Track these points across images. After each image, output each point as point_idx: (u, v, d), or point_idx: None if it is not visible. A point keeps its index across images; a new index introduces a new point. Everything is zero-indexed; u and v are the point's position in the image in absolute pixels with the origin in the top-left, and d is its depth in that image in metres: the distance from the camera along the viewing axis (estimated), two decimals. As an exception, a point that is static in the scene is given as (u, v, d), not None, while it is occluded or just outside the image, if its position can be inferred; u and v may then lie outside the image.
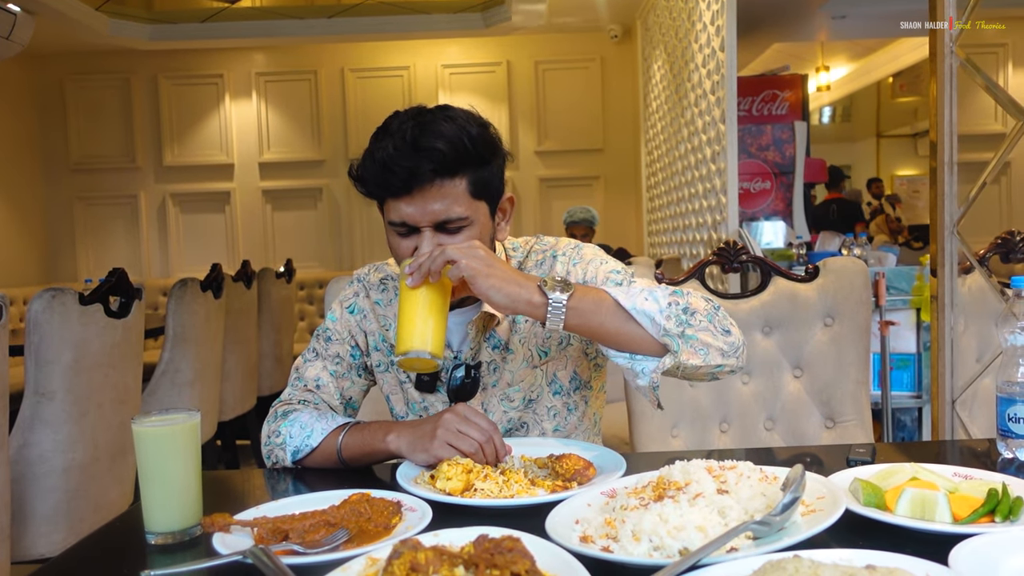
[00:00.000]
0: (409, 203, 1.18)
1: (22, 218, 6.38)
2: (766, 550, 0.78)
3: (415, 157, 1.14)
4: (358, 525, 0.90)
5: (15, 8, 4.74)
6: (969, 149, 1.96)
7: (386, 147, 1.16)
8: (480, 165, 1.21)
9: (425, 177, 1.15)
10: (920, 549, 0.78)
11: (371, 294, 1.42)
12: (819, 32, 6.34)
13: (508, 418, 1.36)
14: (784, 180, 4.78)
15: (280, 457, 1.29)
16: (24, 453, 2.13)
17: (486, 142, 1.21)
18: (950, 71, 1.63)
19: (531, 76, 6.61)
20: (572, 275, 1.31)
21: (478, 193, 1.22)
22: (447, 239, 1.19)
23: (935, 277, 1.72)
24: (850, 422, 1.82)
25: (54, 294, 2.11)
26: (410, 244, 1.22)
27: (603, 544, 0.83)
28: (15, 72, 6.19)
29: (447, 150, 1.15)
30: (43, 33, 5.31)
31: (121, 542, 0.99)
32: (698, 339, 1.12)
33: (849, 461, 1.15)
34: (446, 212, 1.18)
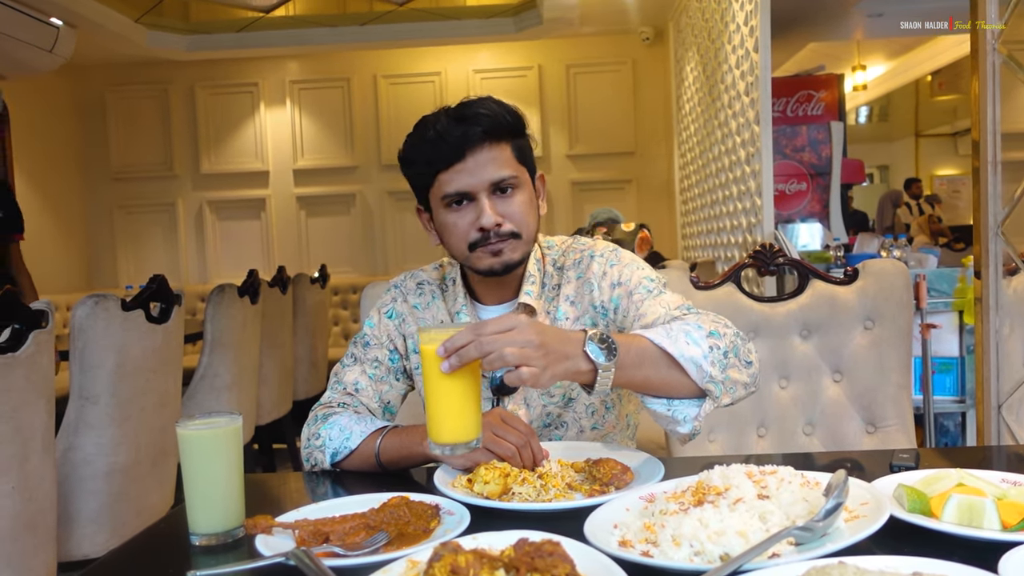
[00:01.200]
0: (462, 170, 1.25)
1: (65, 226, 6.53)
2: (809, 556, 0.77)
3: (463, 125, 1.23)
4: (397, 528, 0.91)
5: (58, 22, 4.86)
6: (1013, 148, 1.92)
7: (435, 123, 1.25)
8: (520, 135, 1.31)
9: (476, 139, 1.24)
10: (968, 557, 0.76)
11: (409, 299, 1.45)
12: (855, 31, 6.25)
13: (547, 413, 1.36)
14: (820, 181, 4.72)
15: (319, 460, 1.30)
16: (69, 456, 2.17)
17: (519, 117, 1.32)
18: (992, 68, 1.60)
19: (562, 80, 6.61)
20: (608, 276, 1.33)
21: (521, 159, 1.31)
22: (502, 204, 1.26)
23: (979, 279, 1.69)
24: (892, 427, 1.79)
25: (97, 300, 2.16)
26: (468, 216, 1.27)
27: (643, 549, 0.82)
28: (58, 84, 6.35)
29: (491, 116, 1.25)
30: (84, 46, 5.44)
31: (166, 543, 1.01)
32: (731, 379, 1.11)
33: (892, 467, 1.13)
34: (499, 171, 1.26)
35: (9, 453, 1.72)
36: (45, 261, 6.23)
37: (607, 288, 1.33)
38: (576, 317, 1.35)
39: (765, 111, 3.56)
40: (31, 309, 1.80)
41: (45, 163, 6.31)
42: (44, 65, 5.02)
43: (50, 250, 6.30)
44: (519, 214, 1.28)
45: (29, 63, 4.91)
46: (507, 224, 1.27)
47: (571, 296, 1.36)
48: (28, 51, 4.72)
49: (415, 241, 6.72)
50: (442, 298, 1.42)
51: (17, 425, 1.75)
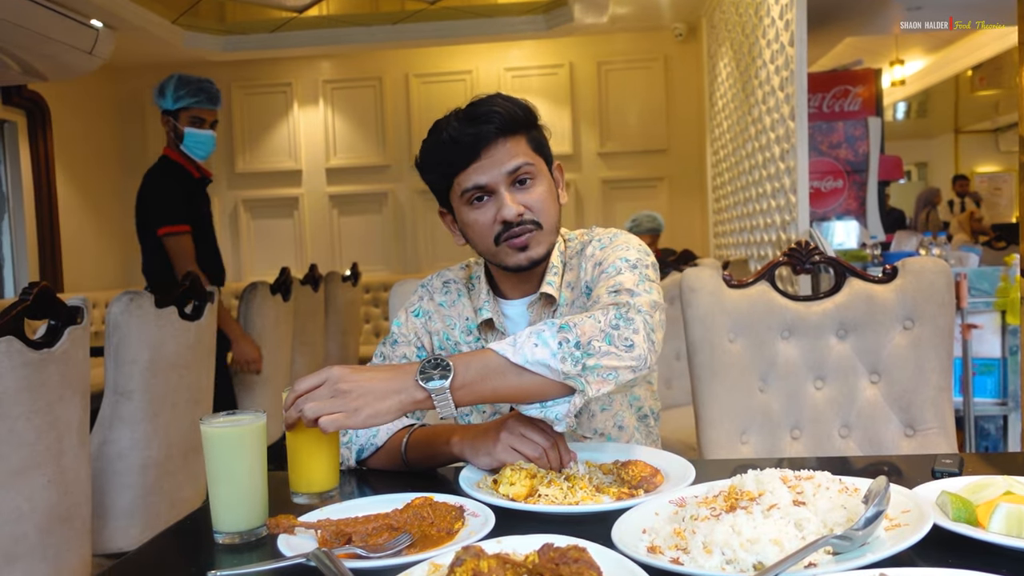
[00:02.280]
0: (479, 168, 1.25)
1: (104, 225, 6.64)
2: (848, 567, 0.73)
3: (476, 124, 1.24)
4: (421, 529, 0.89)
5: (97, 24, 4.94)
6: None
7: (447, 126, 1.26)
8: (534, 127, 1.31)
9: (490, 136, 1.24)
10: (1017, 568, 0.73)
11: (435, 297, 1.46)
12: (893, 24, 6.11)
13: None
14: (857, 178, 4.62)
15: (345, 457, 1.29)
16: (104, 450, 2.20)
17: (532, 111, 1.32)
18: (1041, 59, 1.54)
19: (594, 77, 6.56)
20: (594, 257, 1.34)
21: (537, 149, 1.31)
22: (522, 195, 1.27)
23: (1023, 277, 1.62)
24: (931, 430, 1.73)
25: (132, 297, 2.18)
26: (489, 211, 1.27)
27: (672, 556, 0.79)
28: (97, 85, 6.45)
29: (502, 112, 1.25)
30: (123, 47, 5.52)
31: (191, 540, 1.00)
32: (602, 366, 1.04)
33: (935, 472, 1.09)
34: (514, 162, 1.26)
35: (44, 447, 1.74)
36: (86, 259, 6.35)
37: (590, 268, 1.34)
38: (572, 301, 1.36)
39: (800, 106, 3.49)
40: (67, 305, 1.82)
41: (86, 163, 6.43)
42: (84, 66, 5.10)
43: (90, 248, 6.42)
44: (539, 203, 1.29)
45: (69, 65, 5.00)
46: (528, 213, 1.27)
47: (572, 281, 1.38)
48: (68, 53, 4.79)
49: (446, 239, 6.72)
50: (468, 296, 1.43)
51: (52, 420, 1.77)
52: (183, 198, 3.15)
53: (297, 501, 1.04)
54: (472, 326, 1.40)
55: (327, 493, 1.06)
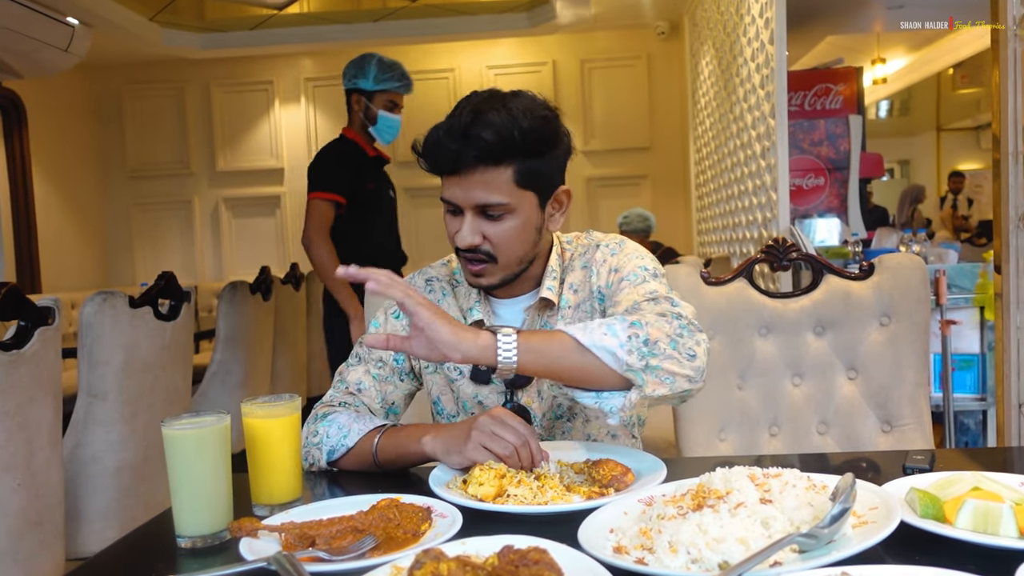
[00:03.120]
0: (457, 184, 1.23)
1: (82, 224, 6.58)
2: (813, 565, 0.73)
3: (461, 143, 1.19)
4: (386, 532, 0.88)
5: (73, 21, 4.88)
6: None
7: (441, 127, 1.23)
8: (528, 156, 1.22)
9: (468, 163, 1.20)
10: (983, 566, 0.72)
11: None
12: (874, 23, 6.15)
13: (557, 404, 1.34)
14: (838, 176, 4.64)
15: (316, 457, 1.28)
16: (78, 453, 2.17)
17: (538, 135, 1.22)
18: (1014, 57, 1.54)
19: (577, 75, 6.56)
20: (608, 263, 1.33)
21: (525, 183, 1.23)
22: (487, 225, 1.23)
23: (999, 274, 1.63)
24: (908, 426, 1.74)
25: (105, 297, 2.15)
26: (455, 224, 1.26)
27: (638, 556, 0.79)
28: (74, 83, 6.39)
29: (493, 140, 1.18)
30: (100, 45, 5.47)
31: (153, 544, 0.99)
32: (663, 368, 1.05)
33: (906, 469, 1.08)
34: (486, 198, 1.21)
35: (14, 450, 1.72)
36: (65, 259, 6.28)
37: (606, 274, 1.33)
38: (577, 304, 1.34)
39: (781, 104, 3.50)
40: (37, 306, 1.79)
41: (63, 161, 6.36)
42: (60, 64, 5.04)
43: (68, 248, 6.36)
44: (502, 239, 1.24)
45: (45, 62, 4.94)
46: (485, 245, 1.25)
47: (575, 284, 1.36)
48: (44, 50, 4.74)
49: (429, 237, 6.70)
50: (452, 294, 1.40)
51: (23, 421, 1.74)
52: (347, 172, 3.06)
53: (258, 514, 1.02)
54: None
55: (290, 504, 1.04)
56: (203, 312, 6.02)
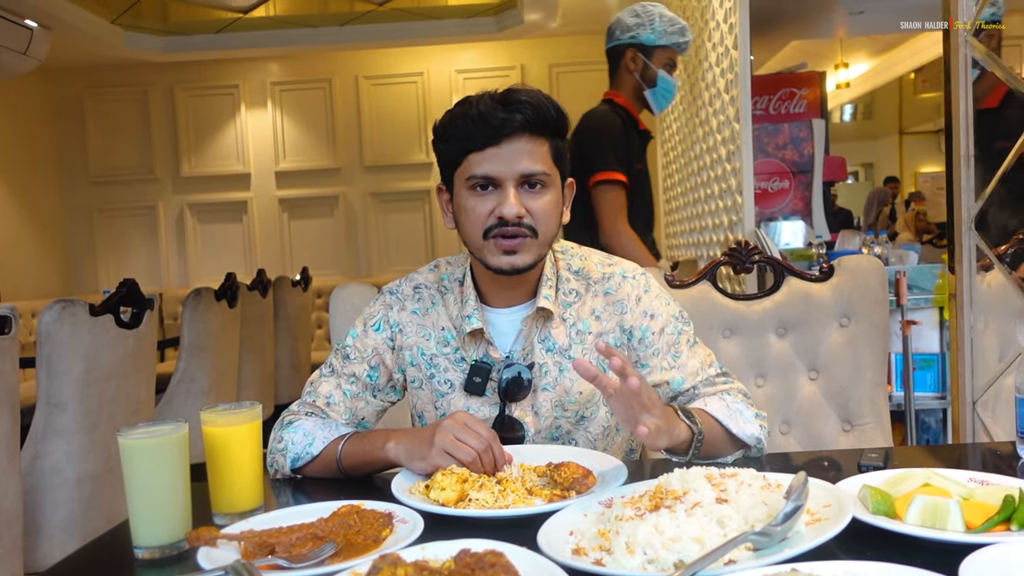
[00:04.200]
0: (495, 156, 1.20)
1: (42, 231, 6.46)
2: (767, 562, 0.74)
3: (506, 109, 1.19)
4: (346, 538, 0.88)
5: (32, 24, 4.80)
6: (999, 142, 1.91)
7: (479, 102, 1.21)
8: (559, 135, 1.26)
9: (516, 127, 1.19)
10: (930, 560, 0.74)
11: (407, 305, 1.37)
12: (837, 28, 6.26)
13: (557, 426, 1.32)
14: (803, 179, 4.71)
15: (280, 464, 1.27)
16: (37, 464, 2.13)
17: (563, 117, 1.26)
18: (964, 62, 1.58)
19: (545, 79, 6.58)
20: (642, 303, 1.34)
21: (557, 160, 1.26)
22: (528, 197, 1.22)
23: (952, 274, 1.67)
24: (868, 425, 1.77)
25: (64, 305, 2.12)
26: (489, 202, 1.22)
27: (595, 557, 0.80)
28: (34, 86, 6.28)
29: (534, 112, 1.20)
30: (60, 48, 5.38)
31: (110, 556, 0.97)
32: None
33: (860, 467, 1.11)
34: (531, 166, 1.21)
35: (-31, 463, 1.68)
36: (22, 266, 6.16)
37: (639, 315, 1.33)
38: (599, 332, 1.32)
39: (745, 108, 3.54)
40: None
41: (21, 167, 6.24)
42: (18, 67, 4.96)
43: (27, 255, 6.23)
44: (543, 212, 1.23)
45: (2, 65, 4.85)
46: (528, 218, 1.22)
47: (597, 310, 1.33)
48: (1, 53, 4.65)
49: (399, 243, 6.68)
50: (442, 302, 1.35)
51: (-23, 434, 1.71)
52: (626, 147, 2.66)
53: (219, 523, 1.01)
54: (449, 336, 1.32)
55: (250, 512, 1.03)
56: (168, 320, 5.95)
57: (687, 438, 1.14)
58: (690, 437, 1.14)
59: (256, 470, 1.06)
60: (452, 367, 1.32)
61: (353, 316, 1.74)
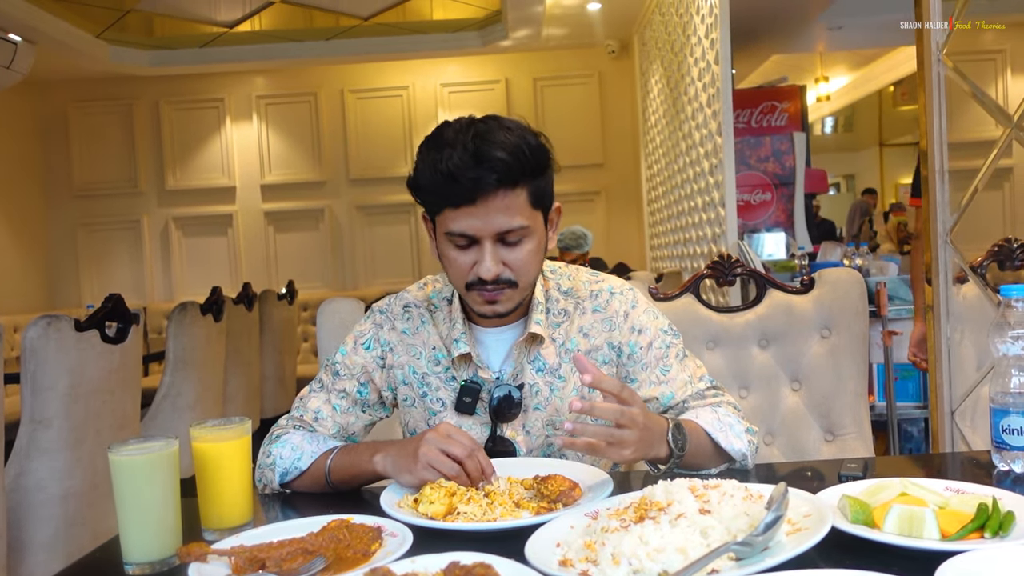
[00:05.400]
0: (471, 214, 1.17)
1: (25, 245, 6.42)
2: (749, 571, 0.76)
3: (478, 168, 1.14)
4: (336, 552, 0.89)
5: (16, 38, 4.79)
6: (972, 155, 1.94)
7: (449, 157, 1.15)
8: (538, 175, 1.21)
9: (490, 187, 1.15)
10: (907, 567, 0.76)
11: (396, 324, 1.36)
12: (817, 43, 6.35)
13: (548, 444, 1.32)
14: (785, 191, 4.77)
15: (269, 479, 1.27)
16: (21, 481, 2.12)
17: (542, 151, 1.22)
18: (938, 79, 1.62)
19: (530, 93, 6.63)
20: (630, 319, 1.35)
21: (536, 203, 1.22)
22: (507, 252, 1.20)
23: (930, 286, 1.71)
24: (850, 435, 1.79)
25: (49, 321, 2.11)
26: (469, 257, 1.21)
27: (582, 568, 0.81)
28: (18, 100, 6.25)
29: (510, 160, 1.15)
30: (44, 62, 5.37)
31: (100, 573, 0.98)
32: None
33: (840, 477, 1.13)
34: (508, 222, 1.18)
35: (-47, 480, 1.67)
36: (5, 280, 6.11)
37: (627, 331, 1.34)
38: (588, 350, 1.33)
39: (727, 122, 3.59)
40: (-23, 331, 1.76)
41: (5, 180, 6.20)
42: (2, 81, 4.95)
43: (9, 269, 6.19)
44: (521, 264, 1.22)
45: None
46: (506, 272, 1.21)
47: (585, 328, 1.34)
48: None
49: (385, 255, 6.69)
50: (432, 321, 1.35)
51: (-38, 451, 1.70)
52: None
53: (208, 539, 1.02)
54: (440, 355, 1.32)
55: (240, 528, 1.04)
56: (153, 334, 5.92)
57: (664, 456, 1.15)
58: (668, 455, 1.15)
59: (246, 485, 1.06)
60: (443, 386, 1.32)
61: (341, 330, 1.75)
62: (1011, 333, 1.17)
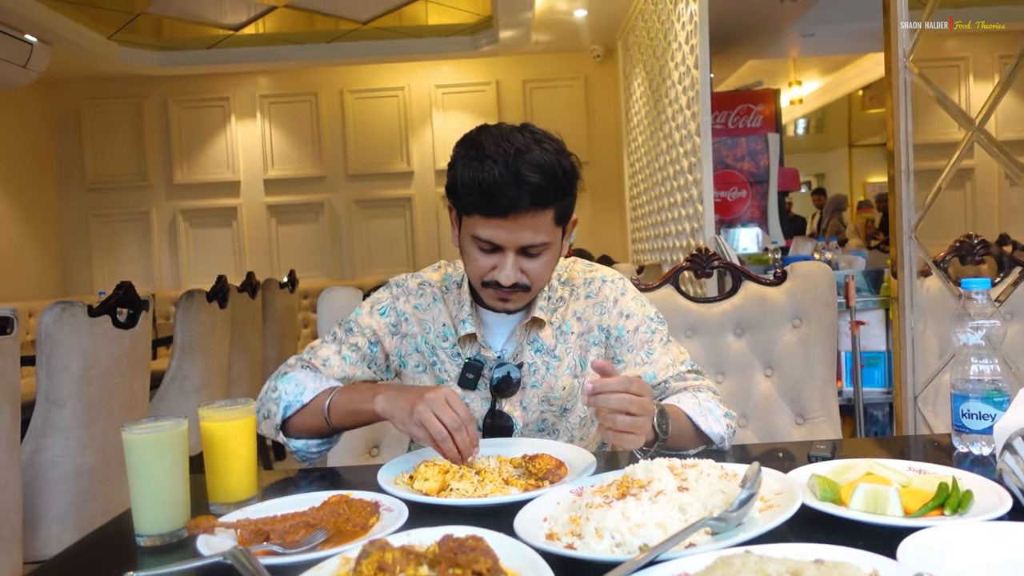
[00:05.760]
0: (500, 226, 1.18)
1: (40, 235, 6.37)
2: (723, 545, 0.76)
3: (516, 189, 1.15)
4: (336, 526, 0.89)
5: (32, 39, 4.74)
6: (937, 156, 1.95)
7: (490, 171, 1.15)
8: (566, 196, 1.23)
9: (523, 205, 1.16)
10: (872, 542, 0.76)
11: (411, 299, 1.39)
12: (790, 49, 6.36)
13: (543, 419, 1.35)
14: (759, 189, 4.78)
15: (272, 411, 1.25)
16: (36, 458, 2.11)
17: (573, 176, 1.23)
18: (904, 84, 1.63)
19: (519, 94, 6.62)
20: (619, 304, 1.37)
21: (559, 221, 1.24)
22: (526, 262, 1.23)
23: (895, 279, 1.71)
24: (819, 418, 1.81)
25: (64, 307, 2.10)
26: (490, 260, 1.23)
27: (568, 541, 0.81)
28: (34, 98, 6.19)
29: (544, 184, 1.16)
30: (59, 62, 5.31)
31: (113, 544, 0.97)
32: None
33: (810, 457, 1.14)
34: (533, 238, 1.20)
35: (-29, 458, 1.66)
36: (20, 269, 6.07)
37: (616, 315, 1.37)
38: (581, 332, 1.36)
39: (705, 123, 3.59)
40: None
41: (21, 174, 6.15)
42: (18, 80, 4.89)
43: (25, 258, 6.15)
44: (538, 273, 1.25)
45: (3, 78, 4.78)
46: (523, 279, 1.24)
47: (579, 312, 1.37)
48: (2, 66, 4.59)
49: (381, 247, 6.67)
50: (443, 301, 1.37)
51: (-20, 430, 1.69)
52: None
53: (216, 513, 1.01)
54: (448, 332, 1.35)
55: (245, 503, 1.04)
56: (161, 320, 5.89)
57: (650, 440, 1.15)
58: (653, 440, 1.15)
59: (251, 462, 1.06)
60: (449, 360, 1.35)
61: (339, 317, 1.74)
62: (971, 324, 1.17)
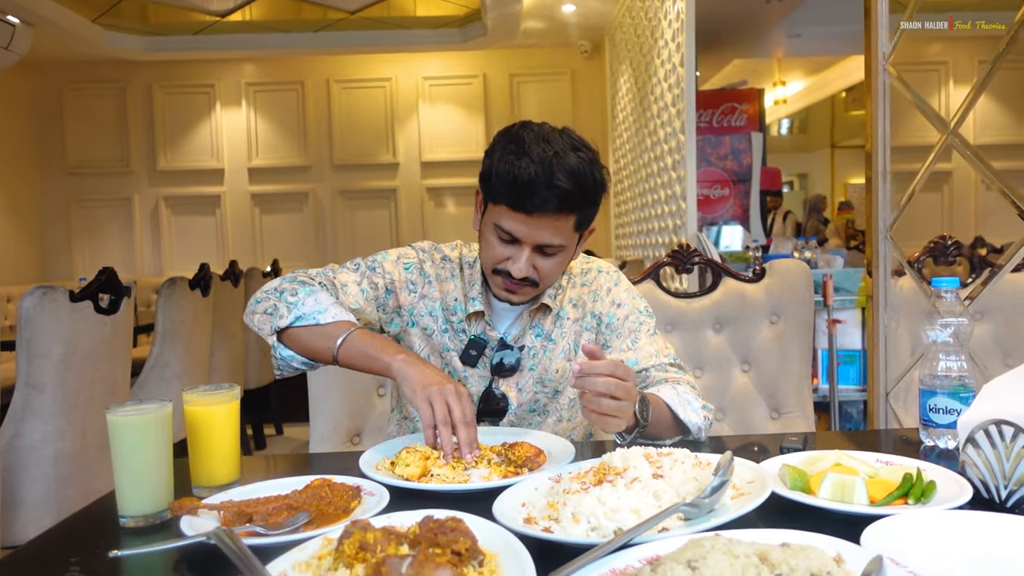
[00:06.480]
0: (524, 221, 1.22)
1: (20, 220, 6.29)
2: (695, 530, 0.79)
3: (548, 190, 1.18)
4: (318, 508, 0.90)
5: (14, 20, 4.67)
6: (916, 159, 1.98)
7: (527, 168, 1.18)
8: (591, 206, 1.26)
9: (550, 208, 1.20)
10: (838, 529, 0.79)
11: (435, 266, 1.42)
12: (776, 49, 6.41)
13: (535, 400, 1.39)
14: (742, 187, 4.82)
15: (281, 312, 1.23)
16: (15, 443, 2.10)
17: (601, 188, 1.26)
18: (883, 87, 1.66)
19: (506, 88, 6.62)
20: (612, 294, 1.43)
21: (579, 227, 1.28)
22: (540, 259, 1.26)
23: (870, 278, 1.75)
24: (794, 414, 1.84)
25: (45, 291, 2.08)
26: (506, 250, 1.26)
27: (545, 525, 0.83)
28: (15, 81, 6.11)
29: (573, 191, 1.19)
30: (42, 44, 5.24)
31: (97, 525, 0.98)
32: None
33: (782, 448, 1.17)
34: (551, 239, 1.24)
35: (-50, 440, 1.66)
36: (2, 255, 6.00)
37: (608, 304, 1.42)
38: (576, 318, 1.42)
39: (690, 121, 3.62)
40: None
41: (1, 158, 6.07)
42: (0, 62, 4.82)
43: (5, 243, 6.07)
44: (548, 272, 1.28)
45: (-17, 59, 4.72)
46: (533, 275, 1.27)
47: (575, 299, 1.42)
48: (-18, 47, 4.53)
49: (365, 237, 6.66)
50: (459, 276, 1.41)
51: (-41, 413, 1.68)
52: None
53: (199, 495, 1.02)
54: (458, 307, 1.38)
55: (228, 486, 1.04)
56: (142, 307, 5.84)
57: (631, 425, 1.18)
58: (634, 425, 1.17)
59: (234, 446, 1.07)
60: (455, 334, 1.38)
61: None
62: (940, 321, 1.21)
